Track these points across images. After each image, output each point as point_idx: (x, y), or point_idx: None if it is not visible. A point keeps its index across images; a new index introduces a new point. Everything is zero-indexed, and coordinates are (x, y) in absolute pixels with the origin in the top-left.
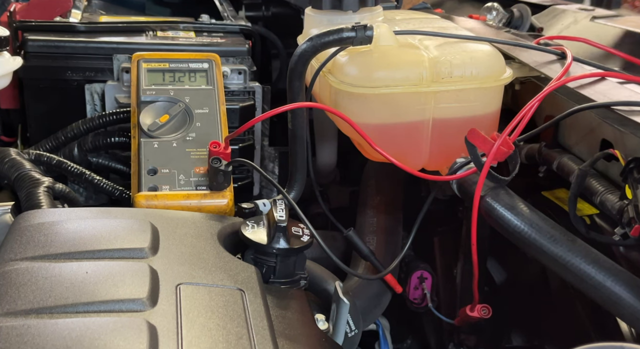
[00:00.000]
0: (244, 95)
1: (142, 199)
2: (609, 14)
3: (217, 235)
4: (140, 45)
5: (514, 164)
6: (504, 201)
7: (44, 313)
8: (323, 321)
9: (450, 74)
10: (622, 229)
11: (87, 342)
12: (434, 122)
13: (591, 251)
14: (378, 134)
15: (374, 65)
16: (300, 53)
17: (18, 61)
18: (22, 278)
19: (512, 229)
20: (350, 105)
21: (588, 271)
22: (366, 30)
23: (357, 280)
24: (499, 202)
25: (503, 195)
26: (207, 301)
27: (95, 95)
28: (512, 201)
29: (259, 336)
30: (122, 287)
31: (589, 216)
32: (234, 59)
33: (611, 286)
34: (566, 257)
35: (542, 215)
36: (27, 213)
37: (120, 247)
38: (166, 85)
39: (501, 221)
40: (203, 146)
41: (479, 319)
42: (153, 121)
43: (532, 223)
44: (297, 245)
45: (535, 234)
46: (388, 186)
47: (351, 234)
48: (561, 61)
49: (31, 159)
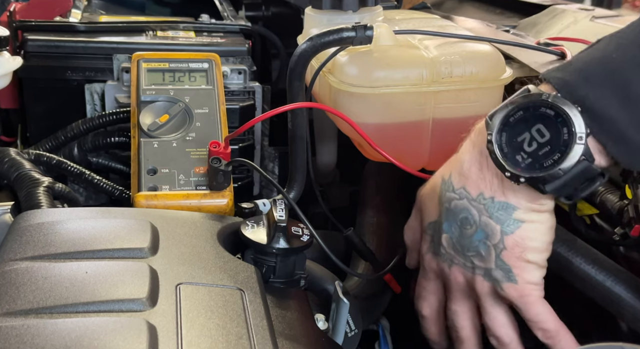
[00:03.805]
0: (244, 95)
1: (142, 199)
2: (609, 14)
3: (217, 235)
4: (140, 45)
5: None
6: None
7: (44, 312)
8: (323, 321)
9: (450, 74)
10: (622, 229)
11: (87, 342)
12: (434, 122)
13: (591, 251)
14: (378, 134)
15: (374, 65)
16: (300, 53)
17: (18, 61)
18: (21, 278)
19: None
20: (350, 105)
21: (588, 271)
22: (366, 30)
23: (357, 280)
24: None
25: None
26: (207, 300)
27: (95, 95)
28: None
29: (259, 336)
30: (122, 287)
31: (589, 216)
32: (234, 58)
33: (611, 286)
34: (566, 257)
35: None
36: (26, 213)
37: (120, 247)
38: (166, 85)
39: None
40: (203, 145)
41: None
42: (153, 120)
43: None
44: (297, 245)
45: None
46: (388, 186)
47: (351, 234)
48: (561, 61)
49: (31, 159)
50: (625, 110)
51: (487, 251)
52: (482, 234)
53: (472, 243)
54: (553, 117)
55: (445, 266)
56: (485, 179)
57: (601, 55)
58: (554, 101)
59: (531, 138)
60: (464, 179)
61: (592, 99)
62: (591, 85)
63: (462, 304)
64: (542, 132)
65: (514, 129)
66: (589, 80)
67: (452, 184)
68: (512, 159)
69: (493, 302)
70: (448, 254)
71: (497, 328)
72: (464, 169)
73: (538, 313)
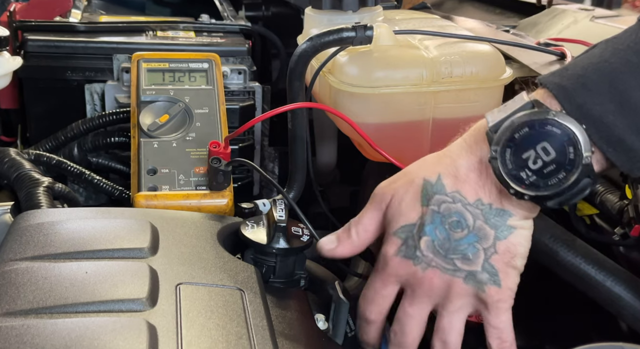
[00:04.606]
0: (244, 95)
1: (141, 199)
2: (610, 14)
3: (217, 235)
4: (140, 45)
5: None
6: None
7: (44, 312)
8: (323, 321)
9: (450, 74)
10: (622, 229)
11: (87, 342)
12: (434, 122)
13: (591, 251)
14: (378, 134)
15: (374, 65)
16: (300, 53)
17: (18, 61)
18: (21, 278)
19: None
20: (350, 105)
21: (588, 271)
22: (366, 30)
23: (357, 280)
24: None
25: None
26: (207, 301)
27: (95, 95)
28: None
29: (259, 336)
30: (122, 287)
31: (589, 216)
32: (234, 59)
33: (611, 286)
34: (566, 257)
35: (541, 215)
36: (26, 213)
37: (120, 247)
38: (166, 85)
39: None
40: (203, 145)
41: (476, 323)
42: (153, 120)
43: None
44: (297, 245)
45: (535, 234)
46: None
47: None
48: (560, 62)
49: (31, 159)
50: (623, 115)
51: (475, 253)
52: (473, 238)
53: (459, 246)
54: (559, 136)
55: (417, 269)
56: (484, 187)
57: (598, 60)
58: (561, 119)
59: (536, 156)
60: (460, 183)
61: (590, 105)
62: (588, 91)
63: (422, 309)
64: (547, 150)
65: (519, 146)
66: (586, 86)
67: (443, 186)
68: (516, 175)
69: (460, 307)
70: (424, 258)
71: (452, 333)
72: (460, 173)
73: (503, 321)
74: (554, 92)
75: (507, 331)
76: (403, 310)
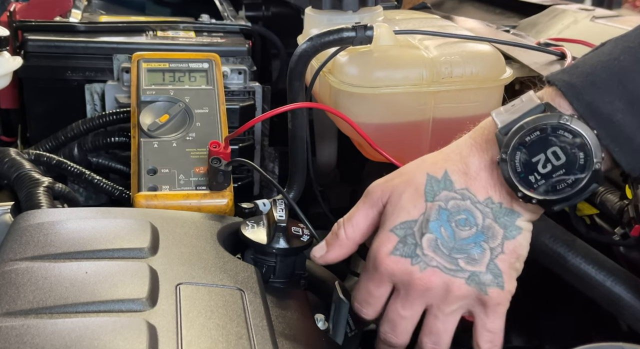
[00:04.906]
0: (244, 95)
1: (141, 199)
2: (610, 14)
3: (217, 235)
4: (140, 45)
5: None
6: None
7: (44, 313)
8: (323, 321)
9: (450, 74)
10: (622, 229)
11: (87, 342)
12: (434, 122)
13: (591, 251)
14: (378, 134)
15: (374, 65)
16: (300, 53)
17: (18, 61)
18: (21, 278)
19: None
20: (350, 105)
21: (588, 271)
22: (366, 30)
23: (357, 280)
24: None
25: None
26: (207, 301)
27: (95, 95)
28: None
29: (259, 336)
30: (122, 287)
31: (589, 216)
32: (234, 59)
33: (611, 286)
34: (566, 257)
35: (541, 215)
36: (26, 213)
37: (120, 247)
38: (166, 85)
39: None
40: (203, 145)
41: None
42: (153, 120)
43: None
44: (297, 245)
45: (535, 234)
46: None
47: None
48: (561, 62)
49: (31, 159)
50: (633, 114)
51: (481, 253)
52: (480, 237)
53: (465, 245)
54: (571, 141)
55: (415, 269)
56: (495, 186)
57: (607, 58)
58: (574, 125)
59: (546, 160)
60: (470, 180)
61: (599, 103)
62: (598, 89)
63: (416, 310)
64: (557, 155)
65: (529, 150)
66: (595, 84)
67: (452, 182)
68: (525, 179)
69: (456, 309)
70: (424, 257)
71: (444, 336)
72: (470, 170)
73: (499, 325)
74: (563, 89)
75: (499, 335)
76: (395, 311)
